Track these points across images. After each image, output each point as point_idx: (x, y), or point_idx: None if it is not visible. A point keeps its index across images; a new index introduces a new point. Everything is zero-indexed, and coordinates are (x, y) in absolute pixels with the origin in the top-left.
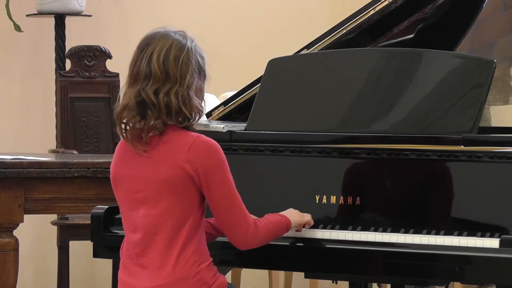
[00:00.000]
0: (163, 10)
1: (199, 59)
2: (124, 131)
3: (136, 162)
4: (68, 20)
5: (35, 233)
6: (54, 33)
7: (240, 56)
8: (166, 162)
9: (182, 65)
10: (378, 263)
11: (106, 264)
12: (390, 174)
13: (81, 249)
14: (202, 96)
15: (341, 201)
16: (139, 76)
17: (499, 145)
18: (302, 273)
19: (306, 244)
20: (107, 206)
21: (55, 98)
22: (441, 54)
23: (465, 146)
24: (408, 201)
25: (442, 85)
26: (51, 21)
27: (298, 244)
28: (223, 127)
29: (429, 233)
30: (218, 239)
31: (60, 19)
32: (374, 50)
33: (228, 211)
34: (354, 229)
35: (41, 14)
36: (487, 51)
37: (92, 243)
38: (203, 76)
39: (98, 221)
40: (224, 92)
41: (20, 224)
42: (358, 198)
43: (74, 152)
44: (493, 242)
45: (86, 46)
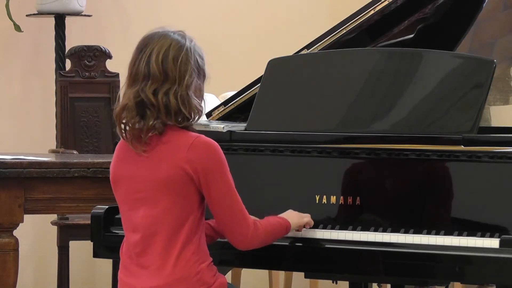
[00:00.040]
0: (163, 10)
1: (198, 59)
2: (123, 131)
3: (135, 162)
4: (68, 20)
5: (35, 233)
6: (54, 33)
7: (240, 56)
8: (166, 162)
9: (181, 65)
10: (378, 263)
11: (106, 264)
12: (390, 174)
13: (81, 249)
14: (202, 96)
15: (341, 201)
16: (138, 76)
17: (499, 145)
18: (302, 273)
19: (306, 244)
20: (107, 206)
21: (55, 98)
22: (441, 54)
23: (465, 146)
24: (408, 201)
25: (442, 85)
26: (51, 21)
27: (298, 244)
28: (223, 127)
29: (429, 233)
30: (218, 239)
31: (60, 19)
32: (374, 50)
33: (227, 211)
34: (354, 229)
35: (41, 14)
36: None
37: (92, 243)
38: (203, 76)
39: (98, 221)
40: (224, 92)
41: (20, 224)
42: (358, 198)
43: (74, 152)
44: (493, 242)
45: (86, 46)
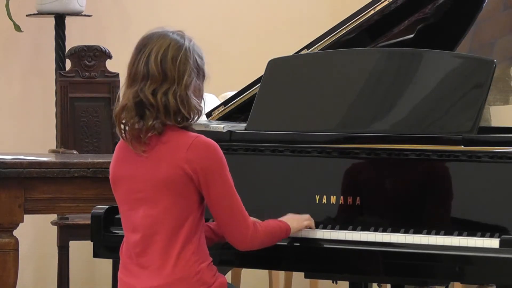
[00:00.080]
0: (163, 10)
1: (197, 59)
2: (123, 132)
3: (135, 162)
4: (68, 20)
5: (35, 233)
6: (54, 33)
7: (240, 56)
8: (165, 162)
9: (180, 65)
10: (378, 263)
11: (106, 264)
12: (390, 174)
13: (81, 249)
14: (201, 95)
15: (341, 201)
16: (137, 76)
17: (499, 145)
18: (302, 273)
19: (306, 244)
20: (107, 206)
21: (55, 98)
22: (441, 54)
23: (465, 146)
24: (408, 201)
25: (442, 85)
26: (51, 21)
27: (298, 244)
28: (223, 127)
29: (429, 233)
30: (217, 241)
31: (60, 19)
32: (374, 50)
33: (227, 212)
34: (354, 229)
35: (41, 14)
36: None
37: (92, 243)
38: (202, 75)
39: (98, 221)
40: (224, 92)
41: (20, 224)
42: (358, 198)
43: (74, 152)
44: (493, 242)
45: (86, 46)
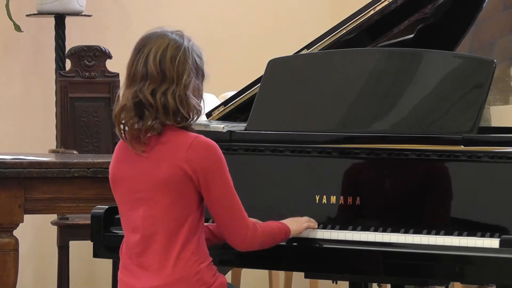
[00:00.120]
0: (163, 10)
1: (197, 59)
2: (122, 132)
3: (135, 163)
4: (68, 20)
5: (35, 233)
6: (54, 33)
7: (240, 56)
8: (165, 162)
9: (179, 65)
10: (378, 263)
11: (106, 264)
12: (390, 174)
13: (81, 249)
14: (200, 95)
15: (341, 201)
16: (136, 77)
17: (499, 145)
18: (302, 273)
19: (306, 244)
20: (107, 206)
21: (55, 98)
22: (441, 54)
23: (465, 146)
24: (408, 201)
25: (442, 85)
26: (51, 21)
27: (298, 244)
28: (223, 127)
29: (429, 233)
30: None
31: (60, 19)
32: (374, 50)
33: (227, 212)
34: (354, 229)
35: (41, 14)
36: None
37: (92, 243)
38: (201, 75)
39: (98, 221)
40: (224, 92)
41: (20, 224)
42: (358, 198)
43: (74, 152)
44: (493, 242)
45: (86, 46)
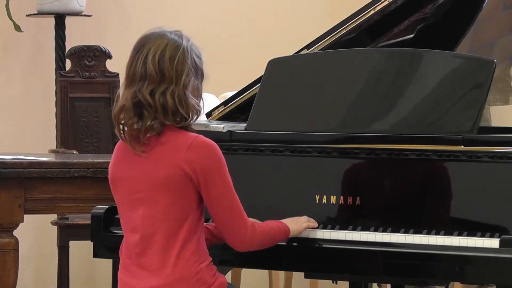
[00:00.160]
0: (163, 10)
1: (196, 59)
2: (122, 132)
3: (134, 163)
4: (68, 20)
5: (35, 233)
6: (54, 33)
7: (240, 56)
8: (164, 162)
9: (178, 64)
10: (378, 263)
11: (106, 264)
12: (390, 174)
13: (81, 249)
14: (200, 95)
15: (341, 201)
16: (135, 77)
17: (499, 145)
18: (302, 273)
19: (306, 244)
20: (107, 206)
21: (55, 98)
22: (441, 54)
23: (465, 146)
24: (408, 201)
25: (442, 85)
26: (51, 21)
27: (298, 244)
28: (223, 127)
29: (429, 233)
30: (215, 243)
31: (60, 19)
32: (374, 50)
33: (227, 212)
34: (354, 229)
35: (41, 14)
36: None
37: (92, 243)
38: (200, 75)
39: (98, 221)
40: (224, 92)
41: (20, 224)
42: (358, 198)
43: (74, 152)
44: (493, 242)
45: (86, 46)
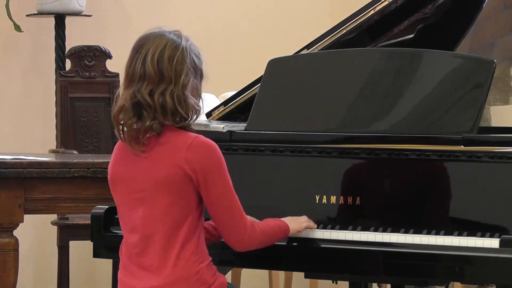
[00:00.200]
0: (163, 10)
1: (195, 58)
2: (121, 132)
3: (134, 163)
4: (68, 20)
5: (35, 233)
6: (54, 33)
7: (240, 56)
8: (164, 162)
9: (177, 64)
10: (378, 263)
11: (106, 264)
12: (390, 174)
13: (81, 249)
14: (199, 95)
15: (341, 201)
16: (134, 77)
17: (499, 145)
18: (302, 273)
19: (306, 244)
20: (107, 206)
21: (55, 98)
22: (441, 54)
23: (465, 146)
24: (408, 201)
25: (442, 85)
26: (51, 21)
27: (298, 244)
28: (223, 127)
29: (429, 233)
30: (214, 241)
31: (60, 19)
32: (374, 50)
33: (225, 212)
34: (354, 229)
35: (41, 14)
36: (487, 51)
37: (92, 243)
38: (200, 75)
39: (98, 221)
40: (224, 92)
41: (20, 224)
42: (358, 198)
43: (74, 152)
44: (493, 242)
45: (86, 46)
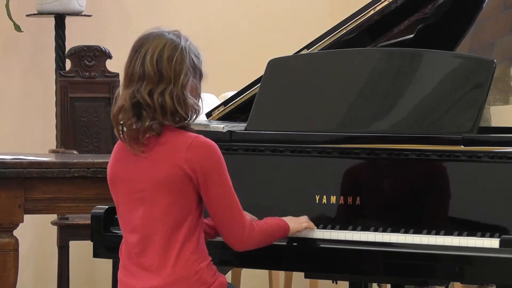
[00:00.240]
0: (163, 10)
1: (194, 58)
2: (121, 133)
3: (133, 163)
4: (68, 20)
5: (35, 233)
6: (54, 33)
7: (240, 56)
8: (164, 162)
9: (176, 64)
10: (378, 263)
11: (106, 264)
12: (390, 174)
13: (81, 249)
14: (198, 95)
15: (341, 201)
16: (134, 77)
17: (499, 145)
18: (302, 273)
19: (306, 244)
20: (107, 206)
21: (55, 98)
22: (441, 54)
23: (465, 146)
24: (408, 201)
25: (442, 85)
26: (51, 21)
27: (298, 244)
28: (223, 127)
29: (429, 233)
30: (218, 239)
31: (60, 19)
32: (374, 50)
33: (225, 212)
34: (354, 229)
35: (41, 14)
36: (487, 51)
37: (92, 243)
38: (199, 75)
39: (98, 221)
40: (224, 92)
41: (20, 224)
42: (358, 198)
43: (74, 152)
44: (493, 242)
45: (86, 46)
